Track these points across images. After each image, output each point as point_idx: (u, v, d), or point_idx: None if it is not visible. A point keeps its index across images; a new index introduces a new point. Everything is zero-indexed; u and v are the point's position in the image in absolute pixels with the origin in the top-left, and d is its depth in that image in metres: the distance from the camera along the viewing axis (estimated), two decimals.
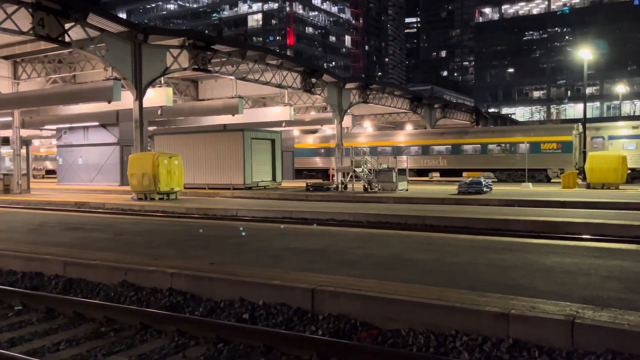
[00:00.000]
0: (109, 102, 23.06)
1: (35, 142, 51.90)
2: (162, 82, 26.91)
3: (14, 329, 6.07)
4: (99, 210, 19.60)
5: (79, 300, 6.72)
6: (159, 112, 30.13)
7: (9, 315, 6.61)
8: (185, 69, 24.21)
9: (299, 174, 44.69)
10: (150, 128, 35.37)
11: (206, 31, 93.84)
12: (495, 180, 33.73)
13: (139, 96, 22.46)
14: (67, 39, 19.38)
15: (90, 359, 5.11)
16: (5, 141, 28.99)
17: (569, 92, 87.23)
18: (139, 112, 22.57)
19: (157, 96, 25.39)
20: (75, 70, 28.77)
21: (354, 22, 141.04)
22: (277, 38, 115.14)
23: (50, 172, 55.62)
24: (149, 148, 29.21)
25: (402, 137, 41.70)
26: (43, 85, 29.89)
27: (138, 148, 22.90)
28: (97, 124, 34.46)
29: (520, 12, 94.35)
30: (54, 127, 37.09)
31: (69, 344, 5.51)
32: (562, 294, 5.71)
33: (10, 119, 29.53)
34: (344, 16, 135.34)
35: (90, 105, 28.46)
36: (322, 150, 44.53)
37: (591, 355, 4.54)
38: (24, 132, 34.05)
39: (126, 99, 22.98)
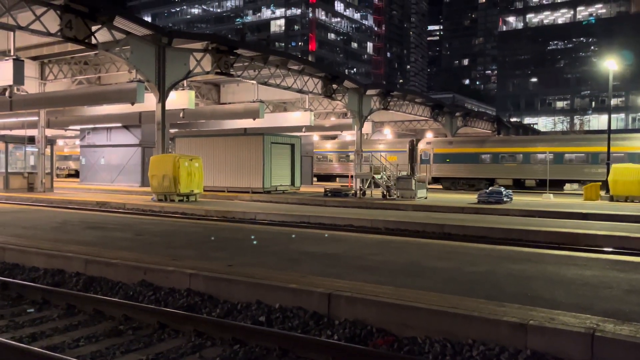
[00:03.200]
0: (132, 103, 23.42)
1: (59, 142, 52.84)
2: (185, 85, 27.21)
3: (35, 324, 6.18)
4: (120, 210, 19.86)
5: (99, 298, 6.82)
6: (181, 115, 30.47)
7: (30, 311, 6.73)
8: (207, 73, 24.47)
9: (319, 178, 44.69)
10: (172, 130, 35.80)
11: (229, 36, 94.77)
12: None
13: (162, 98, 22.75)
14: (93, 41, 19.75)
15: (108, 356, 5.18)
16: (31, 140, 29.60)
17: (593, 102, 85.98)
18: (162, 114, 22.85)
19: (180, 99, 25.69)
20: (101, 71, 29.27)
21: (376, 29, 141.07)
22: (300, 44, 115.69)
23: (73, 172, 56.54)
24: (170, 150, 29.56)
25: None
26: (69, 86, 30.48)
27: (159, 150, 23.18)
28: (120, 125, 34.97)
29: (545, 22, 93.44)
30: (78, 127, 37.74)
31: (88, 341, 5.59)
32: (582, 307, 5.63)
33: (36, 118, 30.16)
34: (366, 23, 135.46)
35: (114, 107, 28.92)
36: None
37: None
38: (49, 132, 34.70)
39: (149, 101, 23.29)
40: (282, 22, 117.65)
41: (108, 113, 30.91)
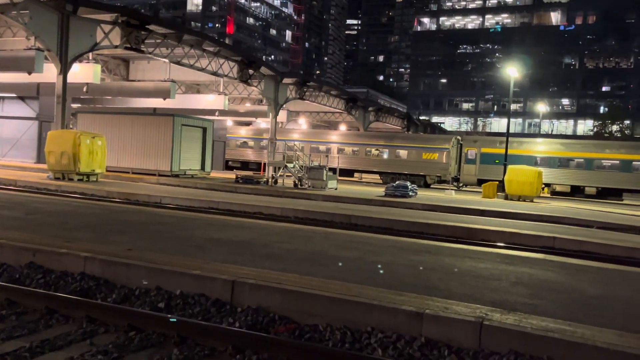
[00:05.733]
0: (30, 73, 21.74)
1: None
2: (90, 58, 25.58)
3: None
4: (10, 188, 18.37)
5: None
6: (85, 90, 28.68)
7: None
8: (116, 47, 23.20)
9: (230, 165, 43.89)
10: (74, 105, 33.65)
11: (142, 10, 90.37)
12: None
13: (64, 70, 21.27)
14: None
15: None
16: None
17: (495, 106, 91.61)
18: (63, 87, 21.37)
19: (84, 72, 24.16)
20: None
21: (295, 17, 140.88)
22: (217, 25, 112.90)
23: None
24: (70, 126, 27.77)
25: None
26: None
27: (59, 125, 21.70)
28: (14, 95, 32.29)
29: (457, 26, 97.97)
30: None
31: None
32: (474, 297, 5.96)
33: None
34: (286, 10, 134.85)
35: (8, 75, 26.66)
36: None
37: (496, 355, 4.76)
38: None
39: (49, 72, 21.71)
40: (199, 1, 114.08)
41: (0, 82, 28.42)
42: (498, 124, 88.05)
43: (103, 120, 29.08)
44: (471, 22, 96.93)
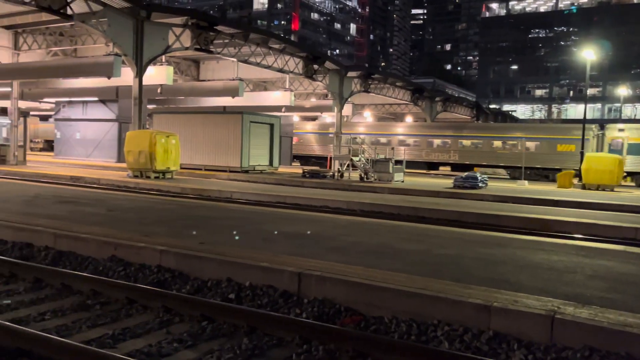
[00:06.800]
0: (109, 77, 22.92)
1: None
2: (164, 60, 26.72)
3: (0, 297, 6.10)
4: (94, 186, 19.59)
5: (67, 272, 6.75)
6: (159, 91, 30.01)
7: None
8: (187, 49, 24.07)
9: (298, 159, 44.50)
10: (150, 106, 35.25)
11: (210, 12, 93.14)
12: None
13: (139, 73, 22.35)
14: (69, 11, 19.25)
15: (74, 329, 5.14)
16: (3, 112, 28.84)
17: (571, 92, 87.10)
18: (139, 89, 22.47)
19: (158, 74, 25.26)
20: (77, 43, 28.55)
21: (360, 10, 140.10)
22: (282, 22, 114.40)
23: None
24: (147, 126, 29.17)
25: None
26: (43, 57, 29.66)
27: (136, 125, 22.84)
28: (96, 99, 34.31)
29: (527, 9, 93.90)
30: (53, 100, 36.90)
31: (54, 315, 5.55)
32: (545, 290, 5.77)
33: (9, 89, 29.38)
34: (350, 4, 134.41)
35: (90, 80, 28.30)
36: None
37: (569, 350, 4.59)
38: (22, 104, 33.86)
39: (126, 76, 22.85)
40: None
41: (84, 86, 30.26)
42: (575, 110, 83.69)
43: (176, 119, 30.32)
44: (543, 5, 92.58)
